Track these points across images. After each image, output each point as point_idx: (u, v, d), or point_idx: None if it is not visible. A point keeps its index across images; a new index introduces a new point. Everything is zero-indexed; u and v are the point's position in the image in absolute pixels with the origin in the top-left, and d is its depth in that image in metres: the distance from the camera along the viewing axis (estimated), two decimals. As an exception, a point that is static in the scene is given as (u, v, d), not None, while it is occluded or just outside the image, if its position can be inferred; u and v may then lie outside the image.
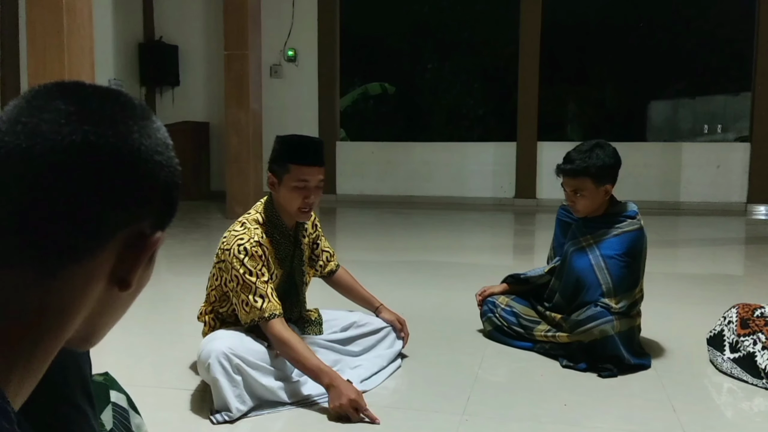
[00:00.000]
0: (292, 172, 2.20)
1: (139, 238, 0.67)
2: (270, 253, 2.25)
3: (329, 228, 7.32)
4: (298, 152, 2.23)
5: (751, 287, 4.22)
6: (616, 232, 2.55)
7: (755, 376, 2.36)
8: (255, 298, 2.14)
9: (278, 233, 2.30)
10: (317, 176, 2.23)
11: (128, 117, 0.68)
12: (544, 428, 1.99)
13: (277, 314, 2.14)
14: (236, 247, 2.18)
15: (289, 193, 2.22)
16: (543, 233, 6.74)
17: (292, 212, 2.28)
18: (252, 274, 2.16)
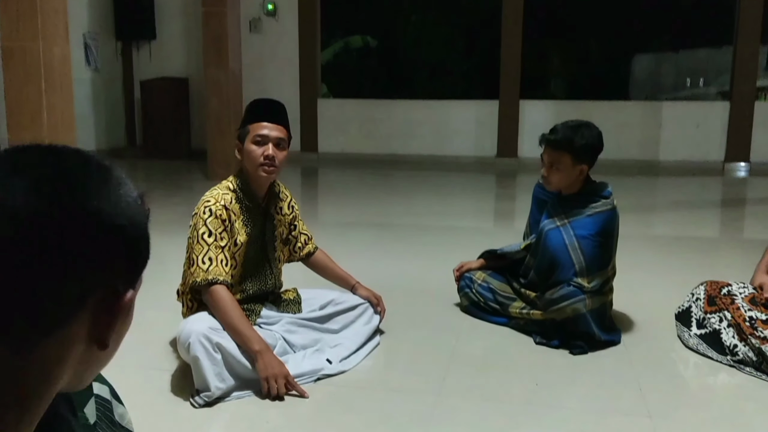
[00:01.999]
0: (251, 130, 2.30)
1: (111, 297, 0.68)
2: (237, 219, 2.31)
3: (311, 191, 7.33)
4: (254, 112, 2.34)
5: (724, 253, 4.32)
6: (590, 212, 2.59)
7: (720, 352, 2.45)
8: (204, 259, 2.20)
9: (248, 200, 2.36)
10: (274, 132, 2.31)
11: (86, 181, 0.67)
12: (516, 410, 2.07)
13: (221, 280, 2.19)
14: (203, 207, 2.26)
15: (248, 149, 2.31)
16: (523, 197, 6.78)
17: (254, 169, 2.33)
18: (210, 235, 2.22)
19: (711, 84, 15.52)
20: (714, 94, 14.28)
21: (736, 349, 2.40)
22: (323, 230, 4.81)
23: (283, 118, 2.37)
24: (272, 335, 2.37)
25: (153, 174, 8.04)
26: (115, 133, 9.43)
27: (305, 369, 2.27)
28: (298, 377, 2.22)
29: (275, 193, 2.49)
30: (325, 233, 4.70)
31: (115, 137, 9.40)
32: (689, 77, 15.87)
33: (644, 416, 2.02)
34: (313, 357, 2.37)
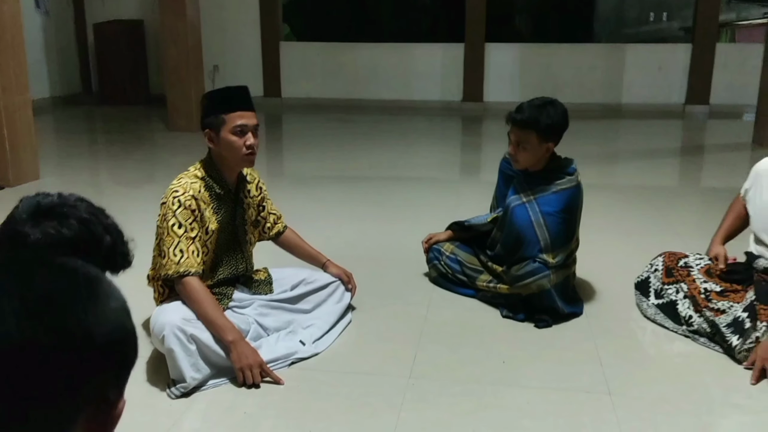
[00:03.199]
0: (228, 121, 2.27)
1: (104, 408, 0.70)
2: (207, 207, 2.30)
3: (275, 140, 7.24)
4: (228, 101, 2.30)
5: (683, 203, 4.45)
6: (555, 189, 2.64)
7: (676, 322, 2.57)
8: (175, 251, 2.21)
9: (218, 187, 2.35)
10: (252, 120, 2.31)
11: (75, 299, 0.68)
12: (485, 390, 2.16)
13: (192, 272, 2.21)
14: (171, 198, 2.24)
15: (230, 141, 2.28)
16: (489, 146, 6.82)
17: (237, 160, 2.33)
18: (180, 227, 2.22)
19: (674, 18, 15.53)
20: (677, 30, 14.31)
21: (691, 320, 2.52)
22: (290, 184, 4.81)
23: (252, 103, 2.35)
24: (245, 319, 2.41)
25: (111, 123, 7.84)
26: (70, 80, 9.10)
27: (279, 353, 2.32)
28: (272, 362, 2.27)
29: (243, 176, 2.47)
30: (291, 188, 4.70)
31: (69, 84, 9.07)
32: (653, 12, 15.85)
33: (604, 393, 2.13)
34: (287, 339, 2.42)
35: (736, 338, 2.33)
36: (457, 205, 4.34)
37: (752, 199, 2.56)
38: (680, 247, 3.40)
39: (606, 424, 1.97)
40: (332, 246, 3.47)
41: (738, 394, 2.16)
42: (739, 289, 2.51)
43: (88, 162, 6.04)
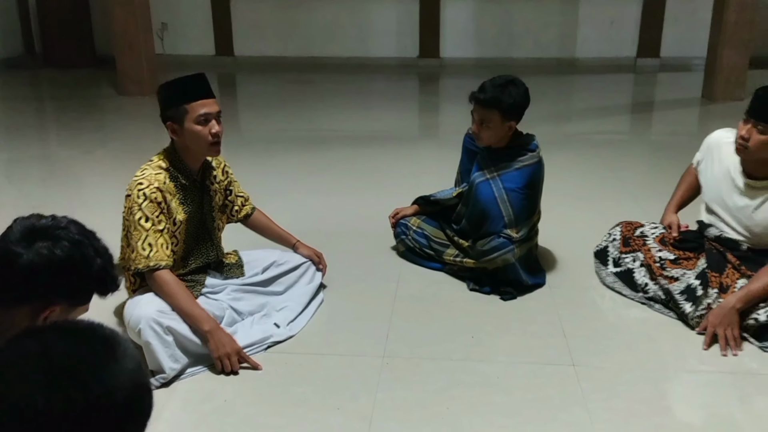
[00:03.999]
0: (191, 111, 2.25)
1: None
2: (173, 198, 2.30)
3: (230, 101, 7.11)
4: (188, 91, 2.27)
5: (637, 163, 4.59)
6: (517, 165, 2.71)
7: (633, 290, 2.71)
8: (144, 245, 2.21)
9: (183, 178, 2.34)
10: (214, 107, 2.30)
11: (97, 366, 0.73)
12: (456, 366, 2.25)
13: (163, 265, 2.22)
14: (136, 191, 2.23)
15: (195, 131, 2.26)
16: (448, 107, 6.84)
17: (203, 149, 2.32)
18: (147, 220, 2.22)
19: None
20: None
21: (647, 287, 2.65)
22: (250, 155, 4.74)
23: (211, 89, 2.32)
24: (219, 305, 2.44)
25: (58, 88, 7.56)
26: (11, 41, 8.68)
27: (255, 338, 2.37)
28: (248, 347, 2.32)
29: (208, 163, 2.46)
30: (252, 158, 4.65)
31: (11, 46, 8.66)
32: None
33: (569, 365, 2.25)
34: (261, 322, 2.47)
35: (689, 305, 2.47)
36: (420, 172, 4.39)
37: (704, 171, 2.67)
38: (635, 209, 3.56)
39: (571, 396, 2.09)
40: (299, 221, 3.51)
41: (691, 359, 2.31)
42: (691, 257, 2.64)
43: (38, 133, 5.85)
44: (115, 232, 2.52)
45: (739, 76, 6.49)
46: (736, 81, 6.46)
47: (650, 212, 3.37)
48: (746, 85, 6.53)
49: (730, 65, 6.45)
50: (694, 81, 7.06)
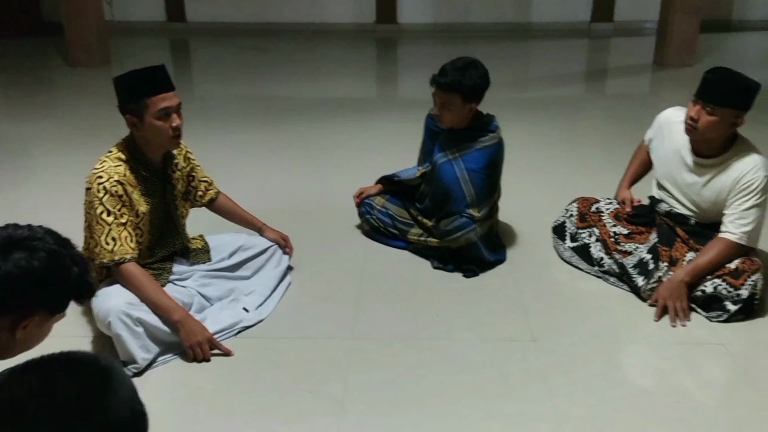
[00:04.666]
0: (151, 105, 2.21)
1: None
2: (135, 190, 2.29)
3: (183, 71, 6.96)
4: (148, 84, 2.23)
5: (592, 134, 4.70)
6: (479, 146, 2.77)
7: (589, 264, 2.82)
8: (107, 239, 2.21)
9: (144, 169, 2.33)
10: (174, 100, 2.27)
11: (98, 398, 0.77)
12: (422, 345, 2.34)
13: (128, 258, 2.22)
14: (96, 185, 2.21)
15: (155, 126, 2.24)
16: (406, 76, 6.83)
17: (164, 142, 2.31)
18: (110, 214, 2.21)
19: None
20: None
21: (603, 261, 2.77)
22: (208, 129, 4.68)
23: (171, 81, 2.28)
24: (187, 292, 2.46)
25: (3, 59, 7.26)
26: (-53, 9, 8.27)
27: (225, 323, 2.40)
28: (219, 333, 2.36)
29: (169, 152, 2.45)
30: (210, 132, 4.59)
31: (-53, 13, 8.25)
32: None
33: (529, 341, 2.35)
34: (230, 307, 2.50)
35: (642, 279, 2.60)
36: (381, 146, 4.42)
37: (655, 148, 2.77)
38: (590, 182, 3.67)
39: (531, 371, 2.20)
40: (262, 200, 3.53)
41: (643, 331, 2.44)
42: (644, 231, 2.77)
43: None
44: (70, 212, 2.51)
45: (690, 42, 6.64)
46: (687, 48, 6.61)
47: (605, 185, 3.48)
48: (697, 52, 6.70)
49: (681, 32, 6.58)
50: (647, 46, 7.19)
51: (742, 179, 2.45)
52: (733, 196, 2.48)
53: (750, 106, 2.42)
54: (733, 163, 2.48)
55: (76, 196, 2.35)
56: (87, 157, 4.07)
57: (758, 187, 2.44)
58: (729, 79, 2.41)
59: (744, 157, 2.47)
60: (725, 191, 2.51)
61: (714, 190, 2.54)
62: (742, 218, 2.46)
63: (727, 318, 2.44)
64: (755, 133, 2.68)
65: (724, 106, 2.38)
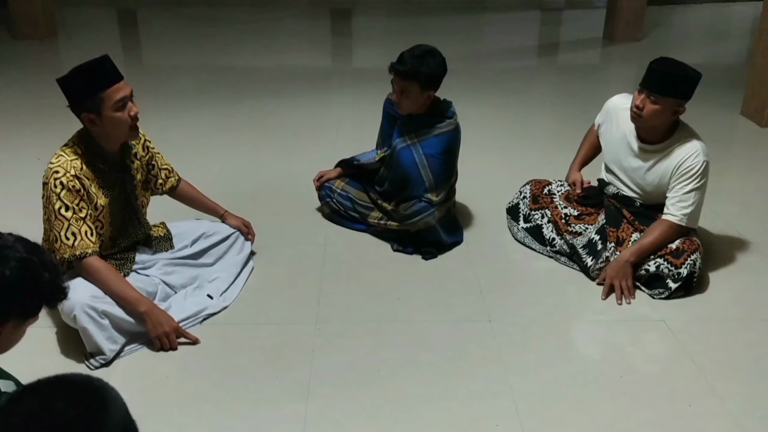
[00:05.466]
0: (107, 98, 2.20)
1: None
2: (92, 183, 2.29)
3: (130, 44, 6.80)
4: (99, 78, 2.20)
5: (543, 110, 4.82)
6: (436, 132, 2.85)
7: (542, 244, 2.95)
8: (67, 235, 2.22)
9: (101, 162, 2.32)
10: (127, 89, 2.25)
11: (94, 420, 0.83)
12: (384, 328, 2.43)
13: (89, 252, 2.24)
14: (53, 181, 2.20)
15: (116, 119, 2.23)
16: (360, 50, 6.81)
17: (123, 134, 2.30)
18: (68, 209, 2.21)
19: None
20: None
21: (554, 242, 2.90)
22: (161, 108, 4.62)
23: (118, 70, 2.25)
24: (151, 281, 2.49)
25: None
26: None
27: (190, 311, 2.44)
28: (184, 321, 2.40)
29: (127, 142, 2.44)
30: (163, 112, 4.54)
31: None
32: None
33: (485, 321, 2.47)
34: (194, 295, 2.54)
35: (590, 259, 2.74)
36: (339, 124, 4.46)
37: (604, 133, 2.89)
38: (542, 161, 3.80)
39: (488, 350, 2.32)
40: (221, 182, 3.54)
41: (592, 309, 2.59)
42: (593, 212, 2.90)
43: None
44: (23, 199, 2.46)
45: (638, 17, 6.80)
46: (635, 23, 6.77)
47: (556, 164, 3.62)
48: (644, 27, 6.88)
49: (629, 7, 6.74)
50: (597, 19, 7.33)
51: (683, 164, 2.60)
52: (675, 180, 2.63)
53: (691, 95, 2.55)
54: (675, 149, 2.62)
55: (24, 175, 2.31)
56: (33, 133, 4.02)
57: (698, 171, 2.58)
58: (672, 69, 2.53)
59: (685, 144, 2.61)
60: (668, 175, 2.65)
61: (657, 174, 2.68)
62: (682, 201, 2.61)
63: (668, 295, 2.60)
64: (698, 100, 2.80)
65: (667, 95, 2.50)
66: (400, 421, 1.99)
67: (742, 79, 5.00)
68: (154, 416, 2.02)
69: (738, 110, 4.79)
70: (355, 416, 2.01)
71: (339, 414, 2.02)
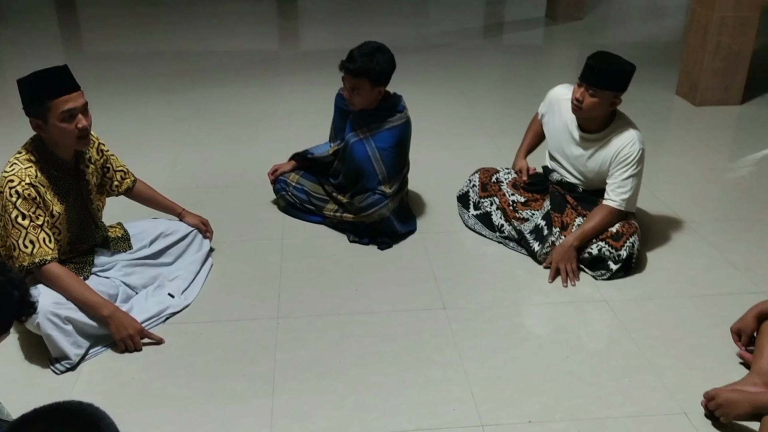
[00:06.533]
0: (54, 108, 2.20)
1: None
2: (47, 191, 2.30)
3: (73, 31, 6.62)
4: (51, 87, 2.20)
5: (489, 95, 4.94)
6: (388, 126, 2.93)
7: (491, 230, 3.08)
8: (25, 243, 2.23)
9: (55, 169, 2.33)
10: (79, 101, 2.25)
11: None
12: (343, 320, 2.53)
13: (49, 260, 2.25)
14: (8, 190, 2.21)
15: (61, 129, 2.24)
16: (307, 34, 6.79)
17: (71, 144, 2.31)
18: (24, 218, 2.22)
19: None
20: None
21: (503, 228, 3.04)
22: (102, 98, 4.56)
23: (75, 81, 2.25)
24: (111, 283, 2.51)
25: None
26: None
27: (152, 311, 2.49)
28: (147, 321, 2.45)
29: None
30: (105, 102, 4.48)
31: None
32: None
33: (440, 309, 2.59)
34: (156, 294, 2.58)
35: (537, 244, 2.88)
36: (290, 113, 4.48)
37: (547, 123, 3.03)
38: (490, 146, 3.93)
39: (443, 337, 2.44)
40: (175, 176, 3.56)
41: (539, 292, 2.73)
42: (538, 198, 3.05)
43: None
44: None
45: (579, -4, 6.98)
46: (576, 3, 6.95)
47: (503, 149, 3.76)
48: (585, 6, 7.05)
49: (570, -14, 6.90)
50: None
51: (620, 152, 2.75)
52: (614, 168, 2.78)
53: (626, 87, 2.69)
54: (613, 138, 2.77)
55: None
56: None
57: (634, 159, 2.74)
58: (608, 65, 2.66)
59: (622, 133, 2.76)
60: (607, 163, 2.80)
61: (598, 162, 2.83)
62: (621, 187, 2.77)
63: (609, 276, 2.77)
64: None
65: (605, 89, 2.64)
66: (364, 410, 2.10)
67: (678, 57, 5.22)
68: (123, 418, 2.06)
69: (674, 89, 5.01)
70: (319, 407, 2.11)
71: (304, 406, 2.11)
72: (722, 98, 4.73)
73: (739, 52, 4.61)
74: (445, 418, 2.07)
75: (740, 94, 4.75)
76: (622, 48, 5.34)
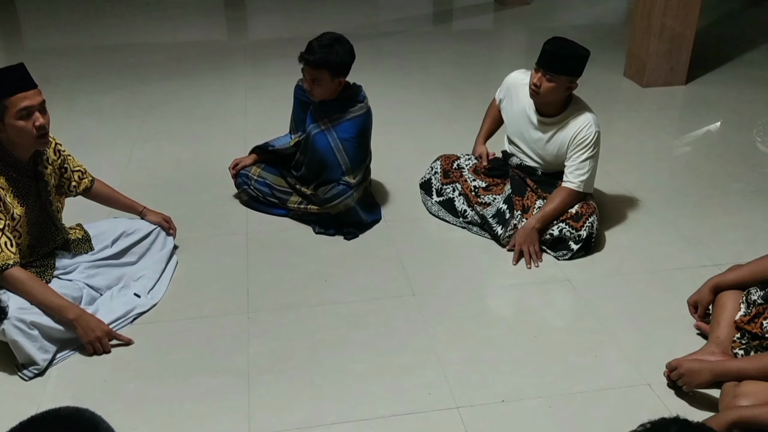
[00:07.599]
0: (10, 106, 2.16)
1: None
2: (7, 193, 2.25)
3: (12, 21, 6.38)
4: (6, 85, 2.16)
5: (445, 80, 4.98)
6: (349, 116, 2.93)
7: (455, 216, 3.13)
8: None
9: (14, 171, 2.28)
10: (36, 99, 2.21)
11: None
12: (314, 311, 2.54)
13: (11, 264, 2.20)
14: None
15: (18, 126, 2.19)
16: (255, 24, 6.69)
17: (29, 143, 2.26)
18: None
19: None
20: None
21: (466, 213, 3.09)
22: (55, 97, 4.43)
23: (32, 79, 2.21)
24: (74, 286, 2.46)
25: None
26: None
27: (118, 312, 2.45)
28: (114, 322, 2.41)
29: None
30: (54, 99, 4.35)
31: None
32: None
33: (409, 295, 2.63)
34: (121, 295, 2.54)
35: (500, 228, 2.94)
36: (246, 106, 4.43)
37: (505, 108, 3.08)
38: (449, 132, 3.97)
39: (414, 323, 2.48)
40: (131, 174, 3.50)
41: (504, 274, 2.80)
42: (499, 183, 3.11)
43: None
44: None
45: (526, -19, 7.07)
46: (524, -14, 7.03)
47: (462, 135, 3.80)
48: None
49: (518, -29, 6.98)
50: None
51: (578, 135, 2.82)
52: (572, 150, 2.86)
53: (582, 72, 2.76)
54: (570, 122, 2.84)
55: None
56: None
57: (591, 141, 2.82)
58: (563, 50, 2.72)
59: (579, 116, 2.84)
60: (565, 146, 2.87)
61: (556, 145, 2.90)
62: (579, 169, 2.85)
63: (571, 256, 2.85)
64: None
65: (561, 74, 2.70)
66: (340, 399, 2.12)
67: (624, 39, 5.36)
68: (98, 422, 2.05)
69: (621, 71, 5.14)
70: (296, 399, 2.12)
71: (280, 399, 2.13)
72: (668, 79, 4.88)
73: (682, 34, 4.76)
74: (420, 402, 2.11)
75: (684, 74, 4.91)
76: (571, 31, 5.46)
